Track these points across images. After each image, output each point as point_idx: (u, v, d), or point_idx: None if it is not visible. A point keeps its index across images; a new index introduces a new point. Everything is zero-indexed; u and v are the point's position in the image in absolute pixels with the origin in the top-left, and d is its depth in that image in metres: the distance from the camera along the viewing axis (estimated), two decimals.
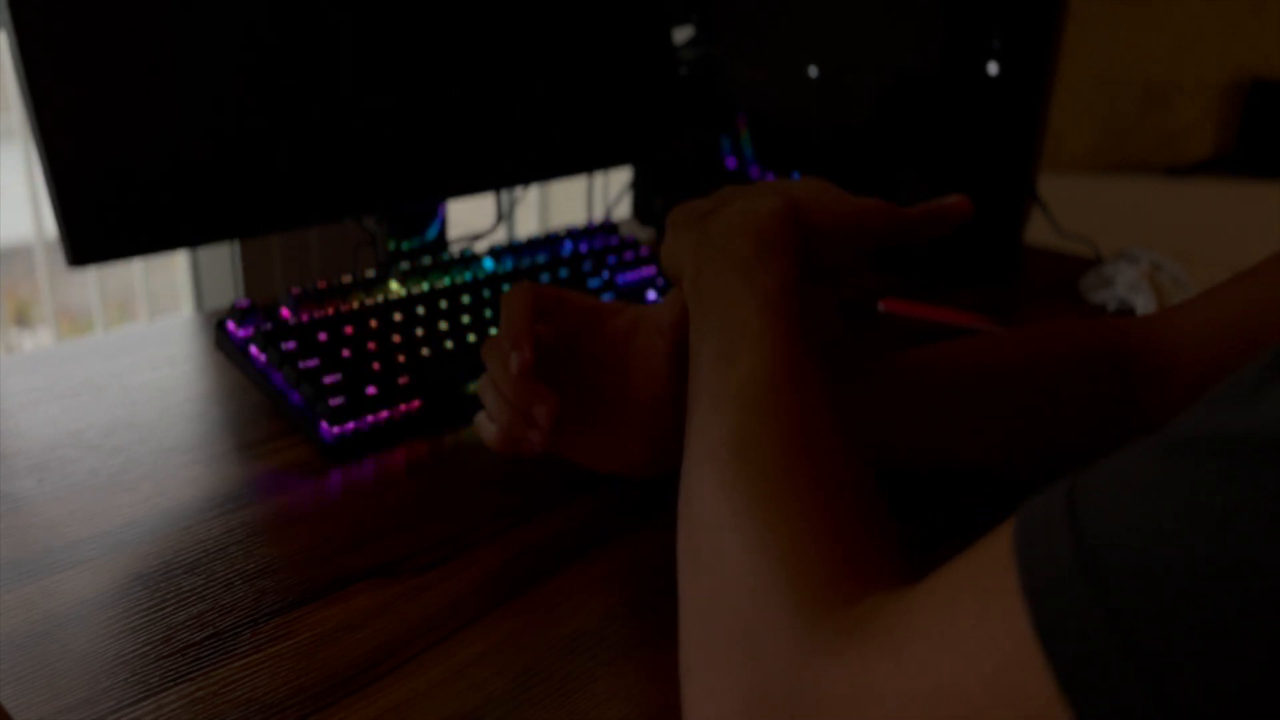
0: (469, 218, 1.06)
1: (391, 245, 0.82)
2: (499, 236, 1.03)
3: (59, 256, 0.62)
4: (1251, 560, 0.23)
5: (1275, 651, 0.23)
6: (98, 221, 0.61)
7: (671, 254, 0.50)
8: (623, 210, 1.38)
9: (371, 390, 0.63)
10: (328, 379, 0.63)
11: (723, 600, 0.36)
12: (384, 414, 0.63)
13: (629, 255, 0.84)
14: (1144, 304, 0.87)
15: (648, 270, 0.84)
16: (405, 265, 0.75)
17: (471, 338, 0.70)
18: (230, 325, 0.67)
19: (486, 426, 0.54)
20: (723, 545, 0.37)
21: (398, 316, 0.69)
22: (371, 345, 0.66)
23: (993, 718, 0.27)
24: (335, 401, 0.62)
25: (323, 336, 0.66)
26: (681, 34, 1.03)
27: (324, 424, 0.61)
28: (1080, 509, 0.27)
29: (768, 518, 0.36)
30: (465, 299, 0.73)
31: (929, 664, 0.29)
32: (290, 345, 0.64)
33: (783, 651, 0.33)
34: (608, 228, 0.87)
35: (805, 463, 0.38)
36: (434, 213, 0.83)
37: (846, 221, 0.50)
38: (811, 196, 0.50)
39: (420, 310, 0.70)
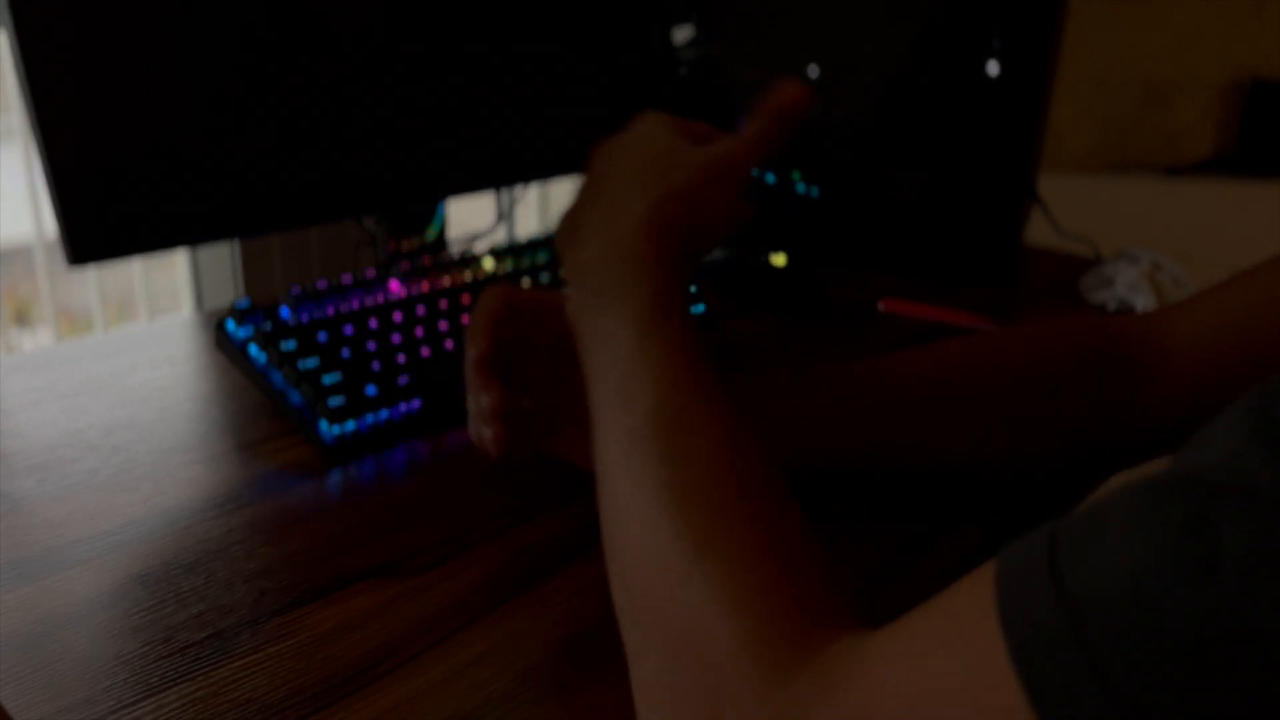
0: (469, 218, 1.06)
1: (391, 245, 0.82)
2: (499, 236, 1.03)
3: (59, 256, 0.62)
4: (1233, 611, 0.24)
5: (1257, 698, 0.23)
6: (97, 220, 0.61)
7: (559, 250, 0.49)
8: None
9: (371, 390, 0.63)
10: (327, 379, 0.63)
11: (679, 660, 0.35)
12: (384, 414, 0.63)
13: None
14: (1144, 304, 0.87)
15: None
16: (405, 265, 0.75)
17: None
18: (230, 325, 0.67)
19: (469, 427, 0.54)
20: (671, 598, 0.35)
21: (398, 316, 0.69)
22: (371, 345, 0.66)
23: None
24: (335, 402, 0.62)
25: (322, 336, 0.66)
26: (681, 34, 1.03)
27: (324, 424, 0.61)
28: (1061, 556, 0.27)
29: (714, 569, 0.35)
30: (465, 299, 0.73)
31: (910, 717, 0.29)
32: (290, 345, 0.64)
33: (751, 717, 0.32)
34: None
35: (737, 500, 0.37)
36: (434, 212, 0.83)
37: (702, 184, 0.47)
38: (666, 167, 0.47)
39: (420, 310, 0.70)
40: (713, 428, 0.39)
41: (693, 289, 0.81)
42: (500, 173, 0.82)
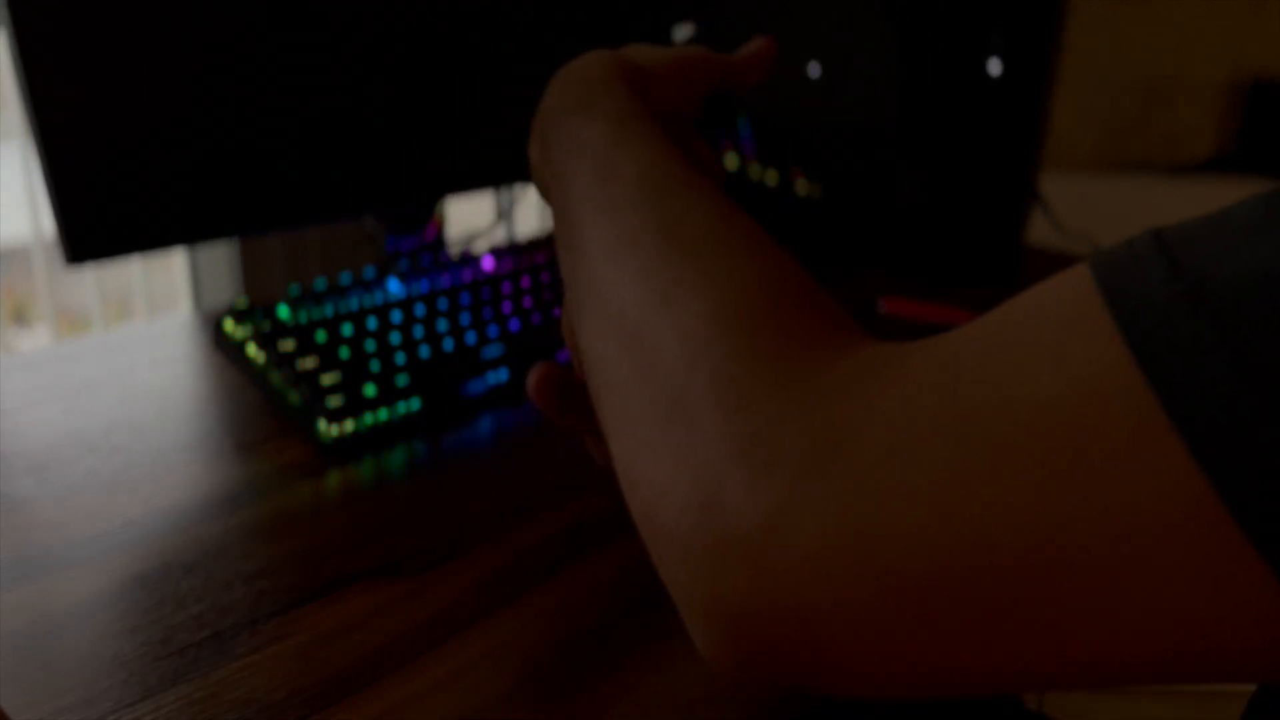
0: (469, 217, 1.06)
1: (390, 245, 0.81)
2: (499, 236, 1.03)
3: (57, 256, 0.61)
4: None
5: None
6: (96, 219, 0.61)
7: (531, 161, 0.47)
8: None
9: (370, 390, 0.63)
10: (326, 379, 0.62)
11: (678, 371, 0.30)
12: (383, 414, 0.63)
13: None
14: None
15: None
16: (405, 265, 0.75)
17: (471, 338, 0.70)
18: (229, 325, 0.67)
19: None
20: (667, 322, 0.31)
21: (397, 317, 0.69)
22: (370, 345, 0.66)
23: (1075, 439, 0.23)
24: (334, 402, 0.61)
25: (321, 336, 0.66)
26: (681, 33, 1.03)
27: (322, 424, 0.61)
28: (1170, 240, 0.24)
29: (723, 283, 0.31)
30: (465, 299, 0.73)
31: (989, 390, 0.25)
32: (289, 345, 0.64)
33: (788, 392, 0.28)
34: None
35: (738, 234, 0.34)
36: (433, 212, 0.83)
37: (669, 66, 0.47)
38: (630, 49, 0.47)
39: (420, 310, 0.70)
40: (699, 178, 0.36)
41: None
42: (500, 172, 0.82)
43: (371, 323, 0.68)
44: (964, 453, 0.24)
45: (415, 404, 0.64)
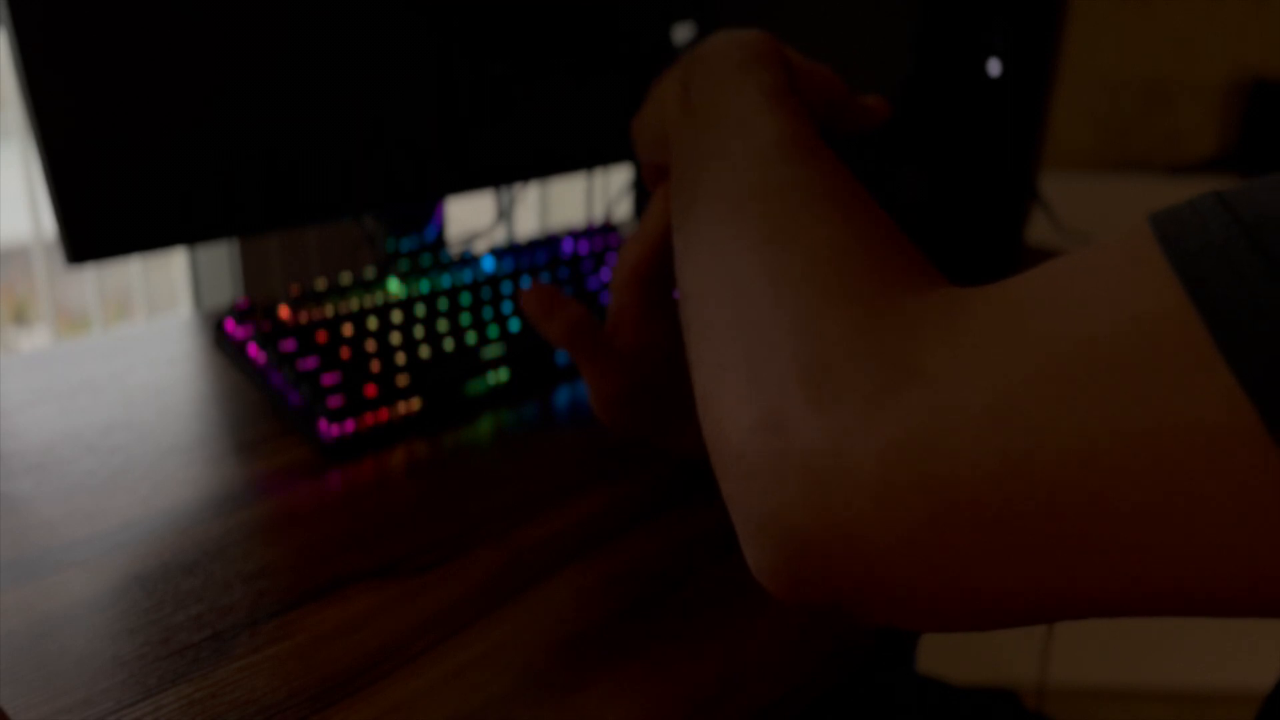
0: (469, 217, 1.06)
1: (390, 245, 0.81)
2: (499, 236, 1.02)
3: (57, 256, 0.61)
4: None
5: None
6: (96, 218, 0.61)
7: (648, 113, 0.49)
8: (623, 210, 1.38)
9: (371, 390, 0.63)
10: (327, 379, 0.62)
11: (765, 307, 0.32)
12: (383, 414, 0.63)
13: None
14: None
15: None
16: (405, 265, 0.75)
17: (471, 338, 0.70)
18: (229, 325, 0.67)
19: None
20: (764, 264, 0.33)
21: (397, 316, 0.69)
22: (371, 345, 0.66)
23: (1130, 370, 0.24)
24: (334, 402, 0.61)
25: (322, 336, 0.66)
26: (681, 33, 1.03)
27: (323, 424, 0.61)
28: (1230, 196, 0.25)
29: (821, 234, 0.33)
30: (465, 299, 0.72)
31: (1053, 326, 0.26)
32: (289, 345, 0.64)
33: (862, 326, 0.29)
34: (607, 228, 0.87)
35: (847, 195, 0.35)
36: (433, 212, 0.83)
37: (806, 68, 0.49)
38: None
39: (420, 310, 0.70)
40: (828, 159, 0.38)
41: None
42: (500, 172, 0.82)
43: (372, 323, 0.68)
44: (1024, 385, 0.25)
45: (416, 404, 0.64)
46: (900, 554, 0.27)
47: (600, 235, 0.86)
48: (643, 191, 1.11)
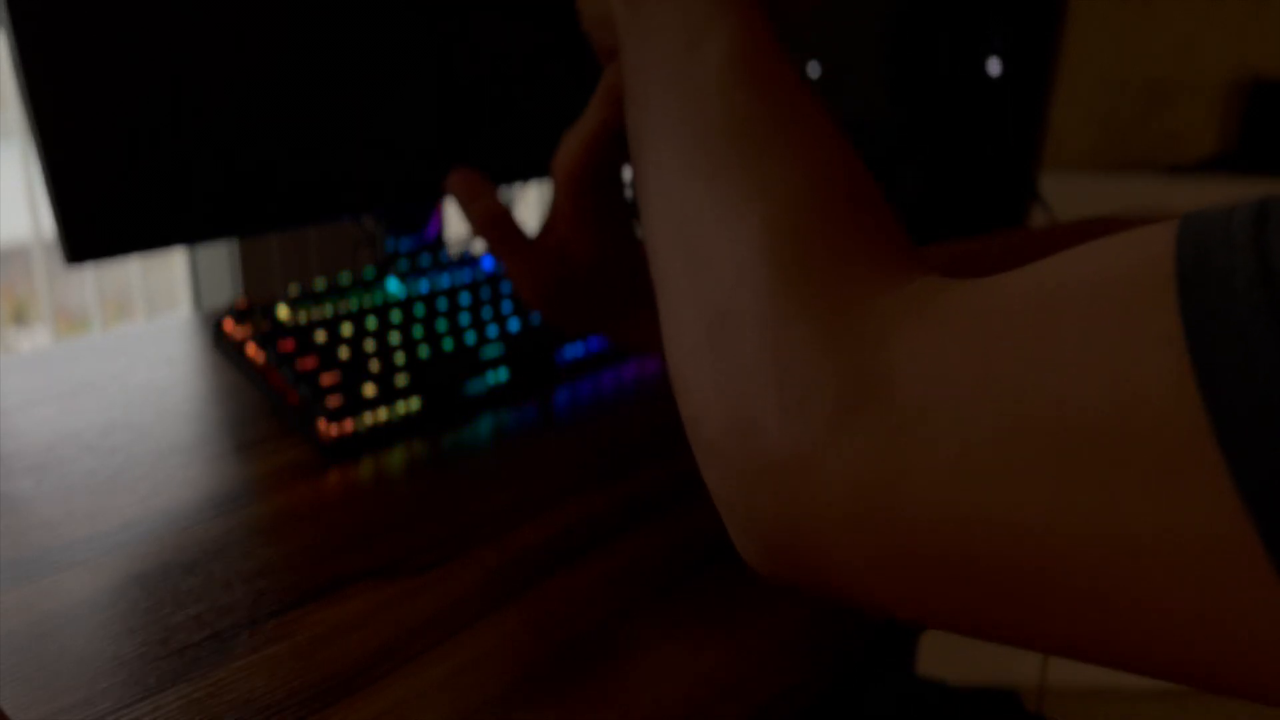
0: None
1: (390, 245, 0.81)
2: None
3: (57, 256, 0.61)
4: None
5: None
6: (95, 218, 0.61)
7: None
8: None
9: (370, 390, 0.63)
10: (326, 379, 0.62)
11: (726, 283, 0.30)
12: (383, 414, 0.63)
13: None
14: None
15: None
16: (405, 265, 0.75)
17: (470, 338, 0.70)
18: (228, 325, 0.67)
19: None
20: (722, 229, 0.31)
21: (396, 316, 0.69)
22: (370, 345, 0.66)
23: (1114, 450, 0.22)
24: (333, 402, 0.61)
25: (321, 336, 0.66)
26: None
27: (322, 424, 0.61)
28: (1274, 219, 0.21)
29: (782, 192, 0.31)
30: (464, 299, 0.72)
31: (1031, 374, 0.23)
32: (288, 345, 0.64)
33: (827, 326, 0.27)
34: None
35: (809, 134, 0.33)
36: (433, 212, 0.83)
37: None
38: None
39: (419, 310, 0.70)
40: (785, 74, 0.34)
41: None
42: (500, 172, 0.82)
43: (371, 323, 0.68)
44: (995, 437, 0.23)
45: (415, 404, 0.64)
46: (866, 572, 0.27)
47: None
48: None
